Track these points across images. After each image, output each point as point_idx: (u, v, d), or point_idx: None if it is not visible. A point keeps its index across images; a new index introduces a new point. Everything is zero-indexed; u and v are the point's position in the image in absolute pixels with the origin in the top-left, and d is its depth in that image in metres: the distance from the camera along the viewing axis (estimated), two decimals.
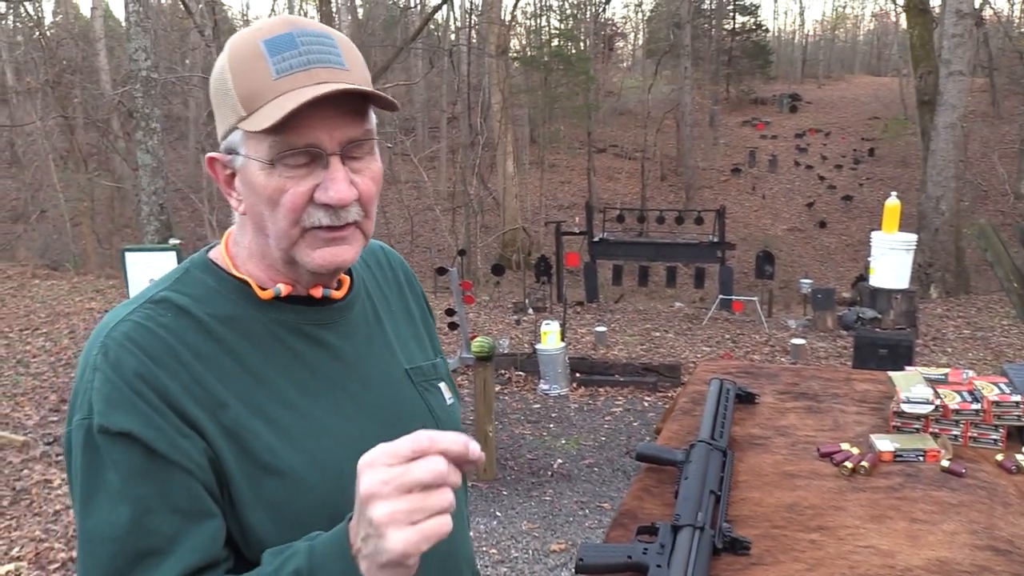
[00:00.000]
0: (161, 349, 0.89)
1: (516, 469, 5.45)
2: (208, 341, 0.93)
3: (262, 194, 0.91)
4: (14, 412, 6.35)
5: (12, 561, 4.05)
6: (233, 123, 0.92)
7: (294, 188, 0.90)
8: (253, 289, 0.98)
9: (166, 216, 11.31)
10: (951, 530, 1.25)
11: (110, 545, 0.84)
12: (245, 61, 0.91)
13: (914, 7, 14.87)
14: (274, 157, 0.89)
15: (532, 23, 35.01)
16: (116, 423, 0.85)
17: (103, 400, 0.86)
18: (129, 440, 0.85)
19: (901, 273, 5.76)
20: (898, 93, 31.72)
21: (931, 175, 13.32)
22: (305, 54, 0.90)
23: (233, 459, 0.90)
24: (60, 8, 32.39)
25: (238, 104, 0.90)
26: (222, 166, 0.97)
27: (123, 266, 5.61)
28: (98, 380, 0.87)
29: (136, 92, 10.98)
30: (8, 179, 25.41)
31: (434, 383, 1.14)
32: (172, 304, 0.94)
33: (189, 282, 0.98)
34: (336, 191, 0.90)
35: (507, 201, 21.23)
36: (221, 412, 0.90)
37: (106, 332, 0.91)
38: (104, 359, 0.88)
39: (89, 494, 0.86)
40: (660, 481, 1.45)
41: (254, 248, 0.99)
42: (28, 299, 11.33)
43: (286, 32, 0.91)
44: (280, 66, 0.89)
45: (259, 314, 0.98)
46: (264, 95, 0.89)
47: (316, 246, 0.94)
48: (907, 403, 1.59)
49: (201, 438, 0.88)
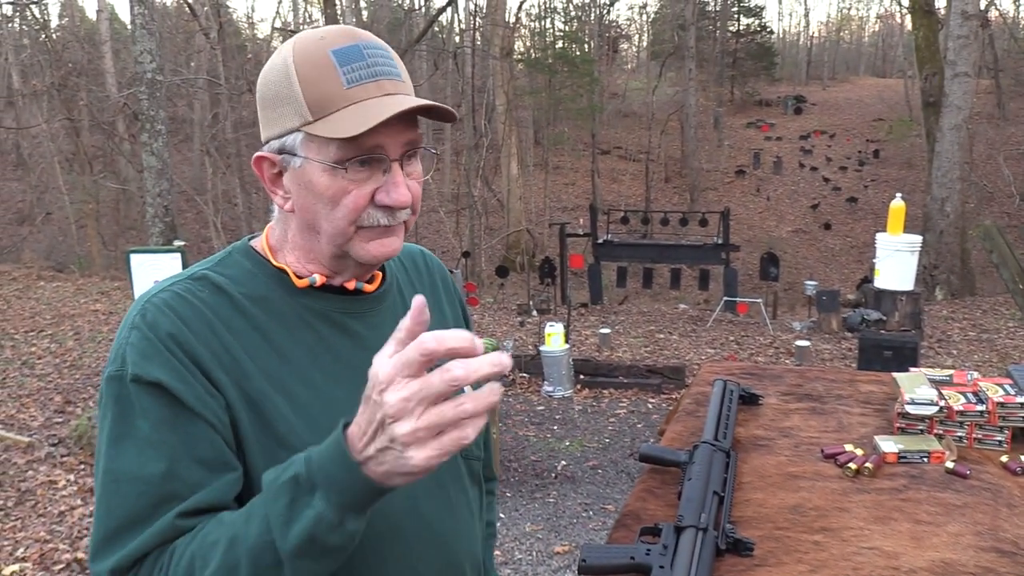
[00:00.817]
0: (195, 317, 0.95)
1: (520, 471, 5.45)
2: (240, 317, 0.99)
3: (324, 194, 0.96)
4: (19, 413, 6.37)
5: (17, 562, 4.05)
6: (295, 125, 0.97)
7: (357, 190, 0.96)
8: (289, 277, 1.03)
9: (171, 218, 11.33)
10: (955, 532, 1.25)
11: (138, 485, 0.88)
12: (314, 68, 0.95)
13: (919, 8, 14.85)
14: (343, 160, 0.95)
15: (536, 25, 35.10)
16: (149, 373, 0.90)
17: (138, 353, 0.92)
18: (160, 390, 0.90)
19: (906, 275, 5.76)
20: (903, 95, 31.66)
21: (936, 177, 13.29)
22: (372, 66, 0.96)
23: (251, 426, 0.94)
24: (66, 11, 32.52)
25: (305, 108, 0.95)
26: (270, 164, 1.02)
27: (128, 268, 5.61)
28: (134, 336, 0.93)
29: (141, 94, 11.00)
30: (14, 181, 25.50)
31: None
32: (210, 282, 1.00)
33: (229, 264, 1.05)
34: (399, 195, 0.97)
35: (511, 203, 21.23)
36: (245, 381, 0.95)
37: (147, 297, 0.97)
38: (142, 319, 0.94)
39: (118, 438, 0.90)
40: (663, 482, 1.45)
41: (298, 242, 1.04)
42: (33, 301, 11.36)
43: (353, 44, 0.97)
44: (350, 76, 0.95)
45: (291, 299, 1.03)
46: (335, 103, 0.94)
47: (370, 239, 1.00)
48: (911, 404, 1.59)
49: (224, 399, 0.93)
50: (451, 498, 1.09)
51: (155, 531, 0.87)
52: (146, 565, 0.87)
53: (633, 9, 63.60)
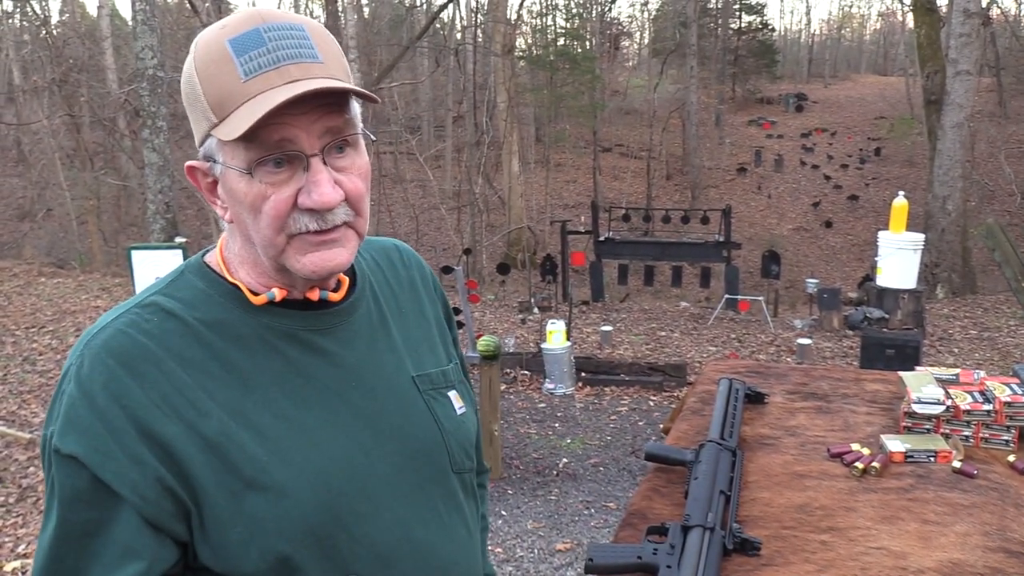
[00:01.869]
0: (139, 358, 0.86)
1: (521, 468, 5.44)
2: (195, 346, 0.89)
3: (244, 202, 0.87)
4: (20, 409, 6.37)
5: (18, 558, 4.06)
6: (206, 130, 0.88)
7: (276, 195, 0.86)
8: (245, 295, 0.94)
9: (172, 214, 11.33)
10: (963, 531, 1.24)
11: (49, 560, 0.85)
12: (212, 64, 0.85)
13: (921, 6, 14.82)
14: (251, 163, 0.85)
15: (538, 22, 35.05)
16: (66, 446, 0.83)
17: (64, 418, 0.85)
18: (76, 464, 0.83)
19: (908, 273, 5.76)
20: (904, 93, 31.62)
21: (938, 175, 13.27)
22: (274, 51, 0.84)
23: (212, 474, 0.86)
24: (67, 7, 32.46)
25: (209, 110, 0.86)
26: (203, 174, 0.92)
27: (129, 264, 5.62)
28: (68, 393, 0.86)
29: (142, 91, 11.00)
30: (15, 177, 25.49)
31: (442, 391, 1.07)
32: (160, 308, 0.91)
33: (181, 286, 0.95)
34: (319, 194, 0.86)
35: (512, 200, 21.21)
36: (203, 422, 0.86)
37: (87, 340, 0.88)
38: (78, 371, 0.86)
39: (48, 507, 0.87)
40: (669, 481, 1.44)
41: (244, 255, 0.95)
42: (34, 297, 11.36)
43: (252, 28, 0.85)
44: (248, 66, 0.84)
45: (251, 319, 0.93)
46: (234, 99, 0.84)
47: (305, 251, 0.89)
48: (918, 403, 1.58)
49: (166, 460, 0.85)
50: (445, 520, 1.02)
51: None
52: None
53: (635, 6, 63.60)
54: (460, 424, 1.07)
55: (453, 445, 1.04)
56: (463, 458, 1.06)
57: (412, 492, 0.98)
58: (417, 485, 0.99)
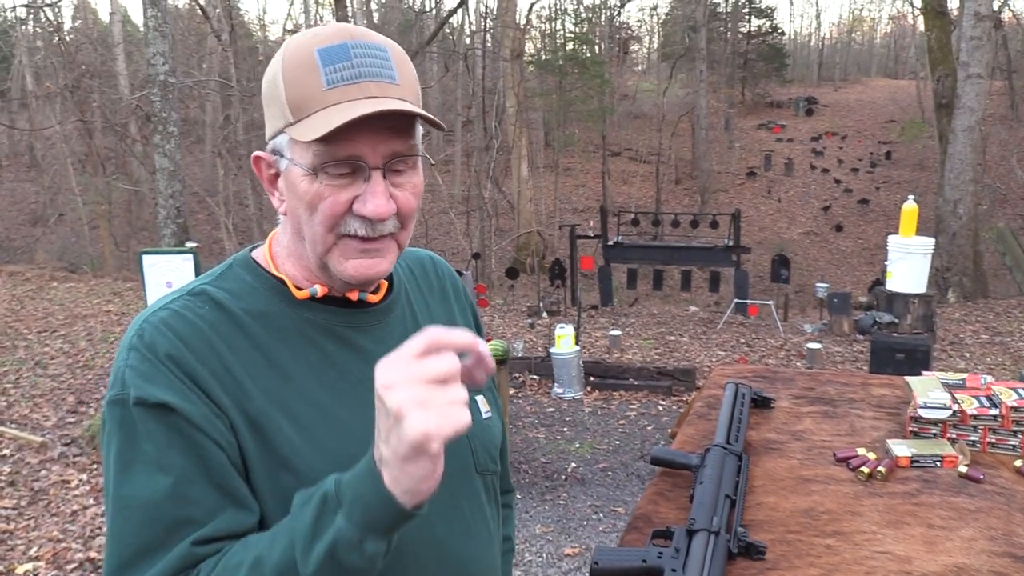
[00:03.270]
0: (194, 336, 0.92)
1: (530, 473, 5.44)
2: (240, 335, 0.95)
3: (303, 199, 0.93)
4: (32, 413, 6.41)
5: (30, 561, 4.08)
6: (280, 127, 0.94)
7: (334, 197, 0.91)
8: (289, 288, 1.00)
9: (183, 219, 11.39)
10: (969, 536, 1.24)
11: (149, 511, 0.85)
12: (298, 68, 0.91)
13: (932, 9, 14.78)
14: (317, 166, 0.91)
15: (547, 27, 35.04)
16: (153, 395, 0.87)
17: (139, 375, 0.88)
18: (166, 411, 0.87)
19: (919, 277, 5.73)
20: (915, 96, 31.51)
21: (948, 178, 13.22)
22: (357, 67, 0.91)
23: (254, 449, 0.91)
24: (79, 14, 32.71)
25: (287, 109, 0.92)
26: (267, 165, 0.99)
27: (140, 269, 5.64)
28: (133, 358, 0.90)
29: (154, 96, 11.07)
30: (27, 182, 25.68)
31: (471, 394, 1.11)
32: (209, 297, 0.97)
33: (229, 278, 1.01)
34: (375, 206, 0.91)
35: (521, 204, 21.23)
36: (247, 402, 0.92)
37: (145, 317, 0.94)
38: (140, 340, 0.91)
39: (126, 464, 0.87)
40: (675, 485, 1.44)
41: (292, 248, 1.01)
42: (46, 301, 11.43)
43: (341, 42, 0.91)
44: (331, 77, 0.90)
45: (292, 312, 0.99)
46: (313, 104, 0.90)
47: (349, 255, 0.95)
48: (924, 408, 1.58)
49: (228, 420, 0.90)
50: (468, 519, 1.05)
51: (172, 559, 0.84)
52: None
53: (644, 11, 63.53)
54: (486, 428, 1.12)
55: (477, 447, 1.08)
56: (487, 460, 1.10)
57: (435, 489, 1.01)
58: (441, 482, 1.01)
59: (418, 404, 0.75)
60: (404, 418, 0.75)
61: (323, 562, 0.79)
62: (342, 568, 0.80)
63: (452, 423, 0.77)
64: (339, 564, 0.80)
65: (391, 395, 0.76)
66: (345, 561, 0.80)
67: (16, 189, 25.77)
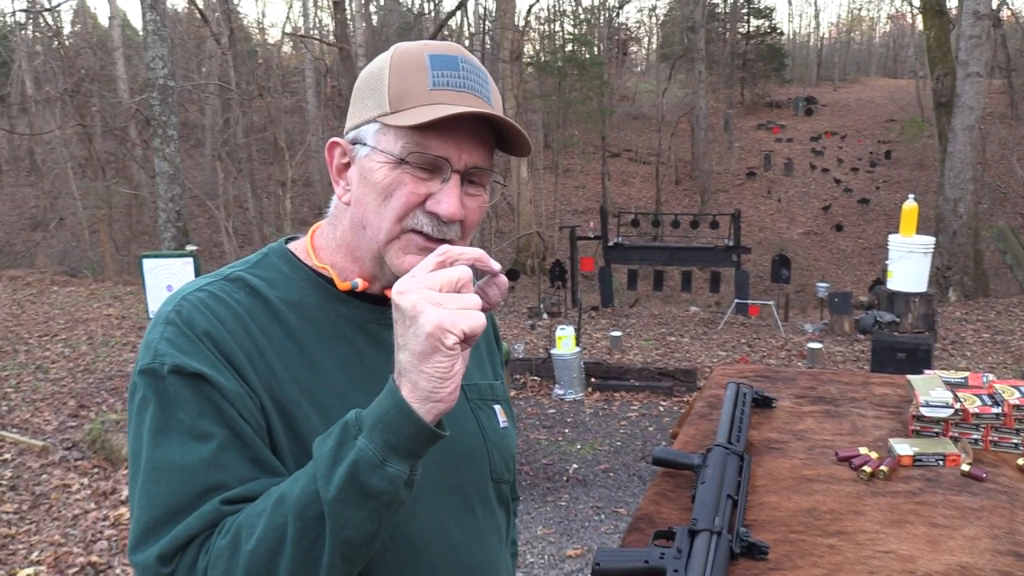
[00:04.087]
0: (231, 318, 0.93)
1: (531, 474, 5.44)
2: (274, 322, 0.96)
3: (379, 184, 0.95)
4: (33, 417, 6.41)
5: (32, 565, 4.08)
6: (373, 115, 0.96)
7: (412, 187, 0.94)
8: (329, 279, 1.02)
9: (183, 223, 11.39)
10: (972, 535, 1.24)
11: (182, 473, 0.86)
12: (407, 66, 0.96)
13: (931, 9, 14.78)
14: (405, 154, 0.94)
15: (546, 28, 35.05)
16: (190, 365, 0.88)
17: (176, 347, 0.89)
18: (202, 382, 0.88)
19: (919, 276, 5.73)
20: (915, 95, 31.52)
21: (948, 177, 13.21)
22: (463, 77, 0.96)
23: (283, 434, 0.92)
24: (79, 18, 32.74)
25: (386, 100, 0.95)
26: (341, 153, 1.01)
27: (141, 272, 5.65)
28: (170, 331, 0.91)
29: (153, 100, 11.07)
30: (27, 187, 25.69)
31: (489, 403, 1.14)
32: (245, 283, 0.99)
33: (266, 266, 1.03)
34: (448, 205, 0.94)
35: (521, 206, 21.23)
36: (278, 388, 0.93)
37: (182, 294, 0.95)
38: (177, 315, 0.92)
39: (159, 429, 0.87)
40: (677, 485, 1.44)
41: (346, 239, 1.02)
42: (47, 305, 11.43)
43: (452, 54, 0.97)
44: (438, 80, 0.95)
45: (327, 305, 1.01)
46: (415, 99, 0.94)
47: (409, 251, 0.97)
48: (926, 407, 1.58)
49: (260, 402, 0.91)
50: (480, 524, 1.06)
51: (201, 514, 0.84)
52: (192, 548, 0.84)
53: (642, 12, 63.56)
54: (503, 436, 1.14)
55: (495, 454, 1.10)
56: (503, 469, 1.12)
57: (451, 492, 1.03)
58: (456, 486, 1.04)
59: (432, 303, 0.79)
60: (419, 315, 0.79)
61: (344, 484, 0.79)
62: (363, 491, 0.80)
63: (467, 320, 0.80)
64: (360, 486, 0.79)
65: (406, 298, 0.80)
66: (367, 483, 0.80)
67: (16, 193, 25.78)
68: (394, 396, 0.81)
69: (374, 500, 0.80)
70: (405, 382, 0.81)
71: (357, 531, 0.81)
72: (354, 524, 0.80)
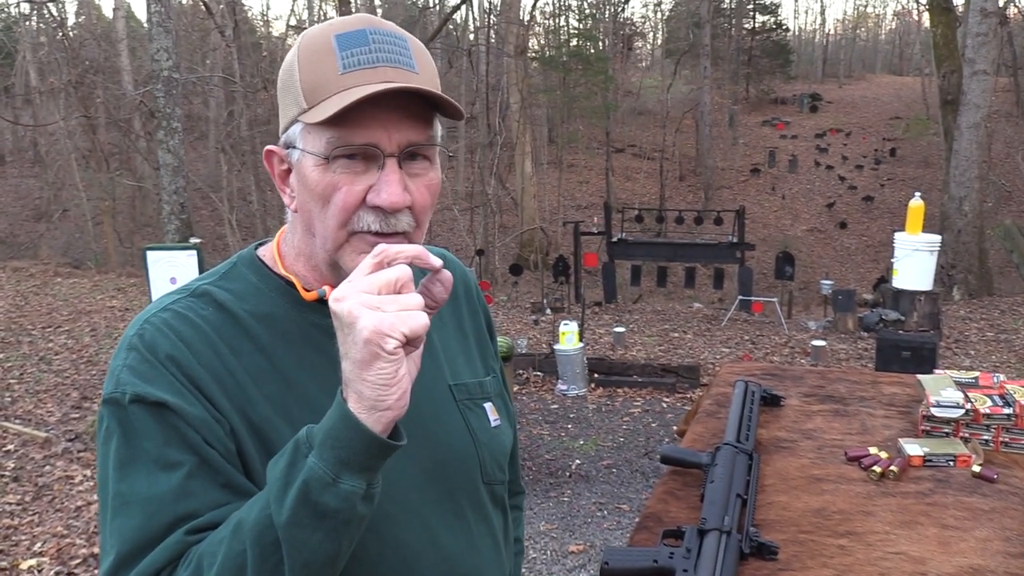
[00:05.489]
0: (197, 338, 0.90)
1: (534, 470, 5.44)
2: (244, 338, 0.92)
3: (315, 190, 0.89)
4: (36, 409, 6.42)
5: (35, 556, 4.08)
6: (294, 115, 0.91)
7: (348, 186, 0.88)
8: (296, 289, 0.97)
9: (187, 215, 11.38)
10: (983, 537, 1.23)
11: (150, 505, 0.83)
12: (314, 54, 0.89)
13: (937, 6, 14.72)
14: (330, 152, 0.87)
15: (551, 23, 35.03)
16: (152, 393, 0.85)
17: (136, 374, 0.86)
18: (165, 410, 0.85)
19: (925, 275, 5.70)
20: (920, 93, 31.42)
21: (954, 175, 13.18)
22: (375, 52, 0.88)
23: (256, 455, 0.88)
24: (83, 9, 32.72)
25: (301, 96, 0.89)
26: (279, 160, 0.96)
27: (144, 264, 5.64)
28: (132, 358, 0.88)
29: (157, 92, 11.06)
30: (31, 178, 25.71)
31: (478, 402, 1.09)
32: (212, 299, 0.94)
33: (234, 277, 0.98)
34: (388, 194, 0.87)
35: (525, 201, 21.21)
36: (249, 408, 0.89)
37: (146, 317, 0.92)
38: (140, 340, 0.89)
39: (124, 461, 0.85)
40: (685, 484, 1.43)
41: (302, 247, 0.97)
42: (50, 297, 11.45)
43: (359, 29, 0.89)
44: (347, 61, 0.87)
45: (298, 315, 0.96)
46: (328, 88, 0.87)
47: (361, 251, 0.89)
48: (937, 407, 1.57)
49: (229, 425, 0.88)
50: (472, 529, 1.03)
51: (166, 546, 0.82)
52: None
53: (648, 7, 63.48)
54: (494, 436, 1.08)
55: (485, 456, 1.05)
56: (495, 470, 1.07)
57: (440, 499, 0.99)
58: (446, 493, 1.00)
59: (369, 307, 0.76)
60: (356, 320, 0.75)
61: (296, 506, 0.76)
62: (317, 511, 0.76)
63: (406, 322, 0.76)
64: (313, 506, 0.76)
65: (342, 305, 0.76)
66: (320, 502, 0.76)
67: (20, 185, 25.80)
68: (340, 408, 0.78)
69: (330, 520, 0.77)
70: (351, 392, 0.77)
71: (316, 553, 0.78)
72: (311, 546, 0.77)
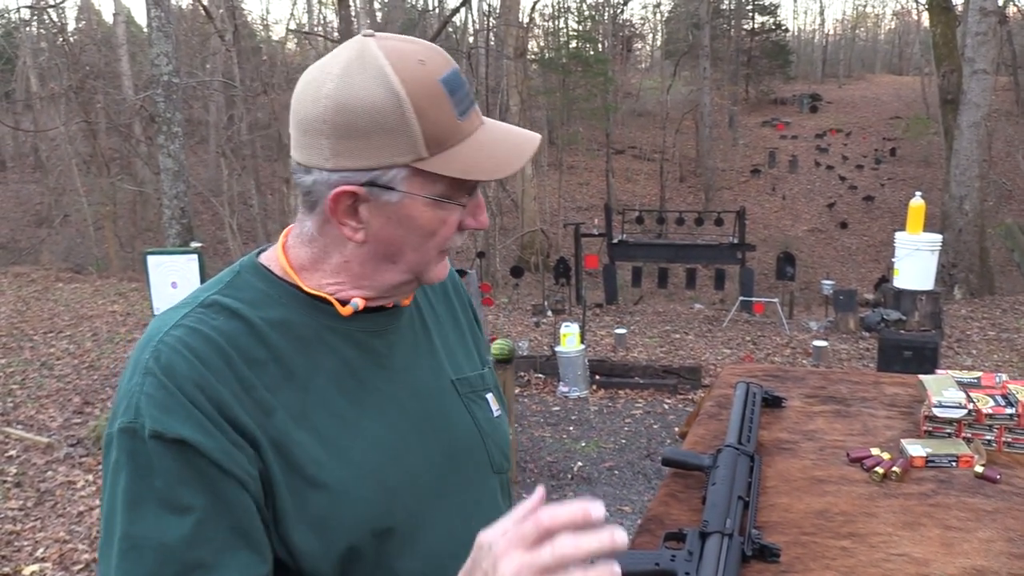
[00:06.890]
0: (213, 354, 0.87)
1: (536, 472, 5.43)
2: (259, 346, 0.90)
3: (425, 227, 0.92)
4: (38, 414, 6.42)
5: (37, 562, 4.08)
6: (405, 161, 0.88)
7: (452, 219, 0.93)
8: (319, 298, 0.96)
9: (187, 219, 11.39)
10: (987, 538, 1.22)
11: (159, 553, 0.81)
12: (428, 99, 0.87)
13: (937, 5, 14.71)
14: (452, 194, 0.91)
15: (550, 25, 35.00)
16: (171, 429, 0.82)
17: (155, 405, 0.83)
18: (183, 447, 0.82)
19: (926, 274, 5.69)
20: (920, 92, 31.41)
21: (954, 175, 13.17)
22: (469, 93, 0.92)
23: (279, 470, 0.87)
24: (83, 15, 32.76)
25: (420, 144, 0.87)
26: (352, 198, 0.90)
27: (145, 269, 5.64)
28: (149, 384, 0.84)
29: (158, 97, 11.07)
30: (32, 184, 25.73)
31: (481, 394, 1.11)
32: (223, 307, 0.92)
33: (240, 286, 0.96)
34: (485, 218, 0.97)
35: (526, 203, 21.22)
36: (268, 421, 0.88)
37: (159, 336, 0.88)
38: (156, 363, 0.85)
39: (136, 500, 0.82)
40: (687, 486, 1.43)
41: (354, 269, 0.95)
42: (52, 302, 11.45)
43: (451, 69, 0.90)
44: (459, 108, 0.90)
45: (311, 320, 0.95)
46: (451, 137, 0.89)
47: (439, 262, 0.98)
48: (939, 407, 1.56)
49: (253, 448, 0.86)
50: (487, 519, 1.00)
51: None
52: None
53: (647, 8, 63.45)
54: (497, 426, 1.11)
55: (492, 447, 1.08)
56: (501, 459, 1.10)
57: (456, 491, 1.02)
58: (460, 485, 1.03)
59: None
60: None
61: None
62: None
63: None
64: None
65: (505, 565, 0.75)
66: None
67: (21, 190, 25.82)
68: None
69: None
70: None
71: None
72: None
